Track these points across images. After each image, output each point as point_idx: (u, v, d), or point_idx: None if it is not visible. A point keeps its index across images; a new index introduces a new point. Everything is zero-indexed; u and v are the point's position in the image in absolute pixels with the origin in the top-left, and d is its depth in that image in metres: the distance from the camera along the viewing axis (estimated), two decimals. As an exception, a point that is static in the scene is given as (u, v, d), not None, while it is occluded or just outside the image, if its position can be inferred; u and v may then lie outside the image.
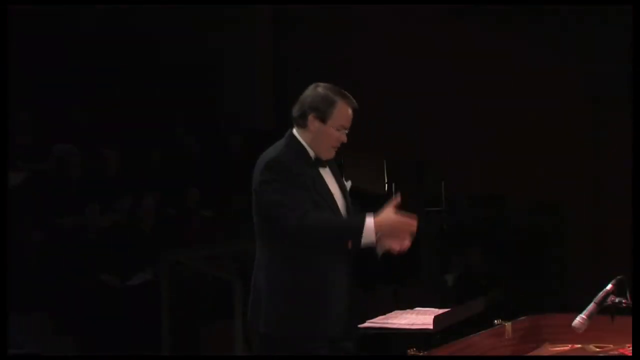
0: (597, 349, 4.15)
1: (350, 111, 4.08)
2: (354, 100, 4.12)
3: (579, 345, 4.18)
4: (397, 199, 3.98)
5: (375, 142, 11.60)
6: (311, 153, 4.09)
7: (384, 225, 3.93)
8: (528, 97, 11.44)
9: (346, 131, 4.10)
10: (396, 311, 4.42)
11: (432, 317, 4.10)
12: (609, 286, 3.84)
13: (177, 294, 7.75)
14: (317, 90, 4.10)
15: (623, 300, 3.80)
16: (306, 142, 4.09)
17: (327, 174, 4.13)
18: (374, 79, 12.09)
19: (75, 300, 7.86)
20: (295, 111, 4.11)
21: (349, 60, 12.26)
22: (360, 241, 3.95)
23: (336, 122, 4.05)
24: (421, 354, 3.68)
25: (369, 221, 3.92)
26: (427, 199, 11.43)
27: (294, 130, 4.12)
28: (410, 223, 3.97)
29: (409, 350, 3.69)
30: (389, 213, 3.95)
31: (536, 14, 11.22)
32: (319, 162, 4.11)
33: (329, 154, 4.12)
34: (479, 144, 11.63)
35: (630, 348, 3.99)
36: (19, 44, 9.63)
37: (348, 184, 4.23)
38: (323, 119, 4.04)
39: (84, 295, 7.90)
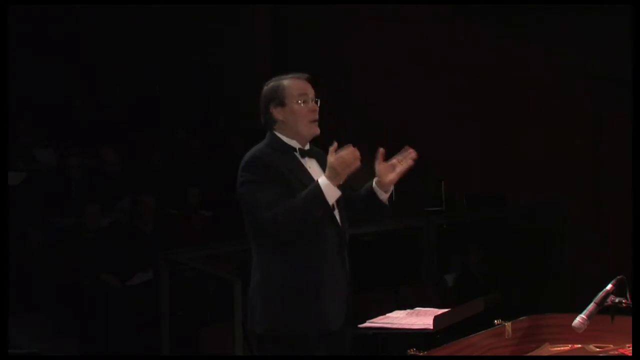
0: (597, 349, 4.14)
1: (301, 82, 4.12)
2: (303, 74, 4.16)
3: (579, 345, 4.17)
4: (334, 146, 3.95)
5: (375, 141, 11.58)
6: (293, 144, 4.11)
7: (334, 173, 3.92)
8: (528, 97, 11.44)
9: (312, 101, 4.10)
10: (396, 311, 4.42)
11: (432, 317, 4.09)
12: (609, 286, 3.83)
13: (177, 294, 7.74)
14: (267, 86, 4.16)
15: (623, 300, 3.80)
16: (284, 136, 4.11)
17: (313, 164, 4.14)
18: (373, 79, 12.10)
19: (75, 300, 7.86)
20: (262, 117, 4.16)
21: (348, 60, 12.27)
22: (328, 204, 3.93)
23: (294, 96, 4.08)
24: (421, 354, 3.67)
25: (323, 181, 3.92)
26: (427, 199, 11.44)
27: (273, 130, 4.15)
28: (349, 153, 3.94)
29: (409, 350, 3.69)
30: (330, 159, 3.93)
31: (536, 14, 11.22)
32: (304, 153, 4.12)
33: (310, 130, 4.11)
34: (479, 144, 11.63)
35: (630, 348, 3.99)
36: (19, 44, 9.64)
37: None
38: (281, 102, 4.08)
39: (84, 295, 7.89)
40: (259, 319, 4.02)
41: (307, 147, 4.15)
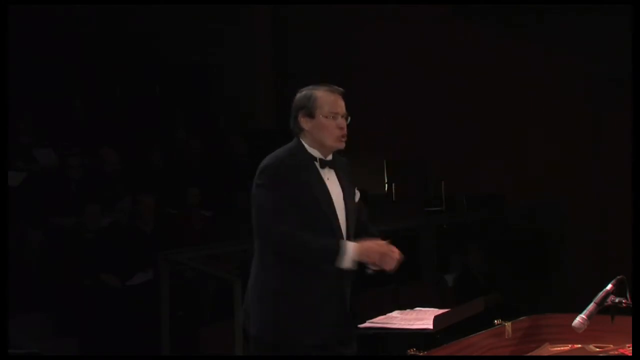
0: (597, 349, 4.14)
1: (333, 97, 4.15)
2: (338, 87, 4.19)
3: (579, 345, 4.17)
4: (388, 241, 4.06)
5: (376, 142, 11.60)
6: (314, 153, 4.12)
7: (364, 254, 4.00)
8: (528, 97, 11.45)
9: (342, 117, 4.14)
10: (396, 311, 4.42)
11: (432, 317, 4.09)
12: (609, 286, 3.83)
13: (177, 294, 7.74)
14: (300, 93, 4.18)
15: (623, 300, 3.80)
16: (308, 145, 4.13)
17: (331, 175, 4.13)
18: (373, 79, 12.10)
19: (75, 300, 7.86)
20: (291, 122, 4.18)
21: (348, 60, 12.26)
22: (338, 264, 3.96)
23: (324, 111, 4.11)
24: (421, 354, 3.67)
25: (348, 250, 3.97)
26: (427, 199, 11.45)
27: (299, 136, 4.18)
28: (393, 252, 4.03)
29: (409, 350, 3.69)
30: (372, 244, 4.03)
31: (537, 14, 11.22)
32: (324, 164, 4.12)
33: (334, 143, 4.12)
34: (479, 144, 11.63)
35: (630, 348, 3.99)
36: (19, 44, 9.64)
37: (357, 196, 4.24)
38: (310, 113, 4.10)
39: (84, 295, 7.89)
40: (254, 322, 4.04)
41: (330, 157, 4.16)
